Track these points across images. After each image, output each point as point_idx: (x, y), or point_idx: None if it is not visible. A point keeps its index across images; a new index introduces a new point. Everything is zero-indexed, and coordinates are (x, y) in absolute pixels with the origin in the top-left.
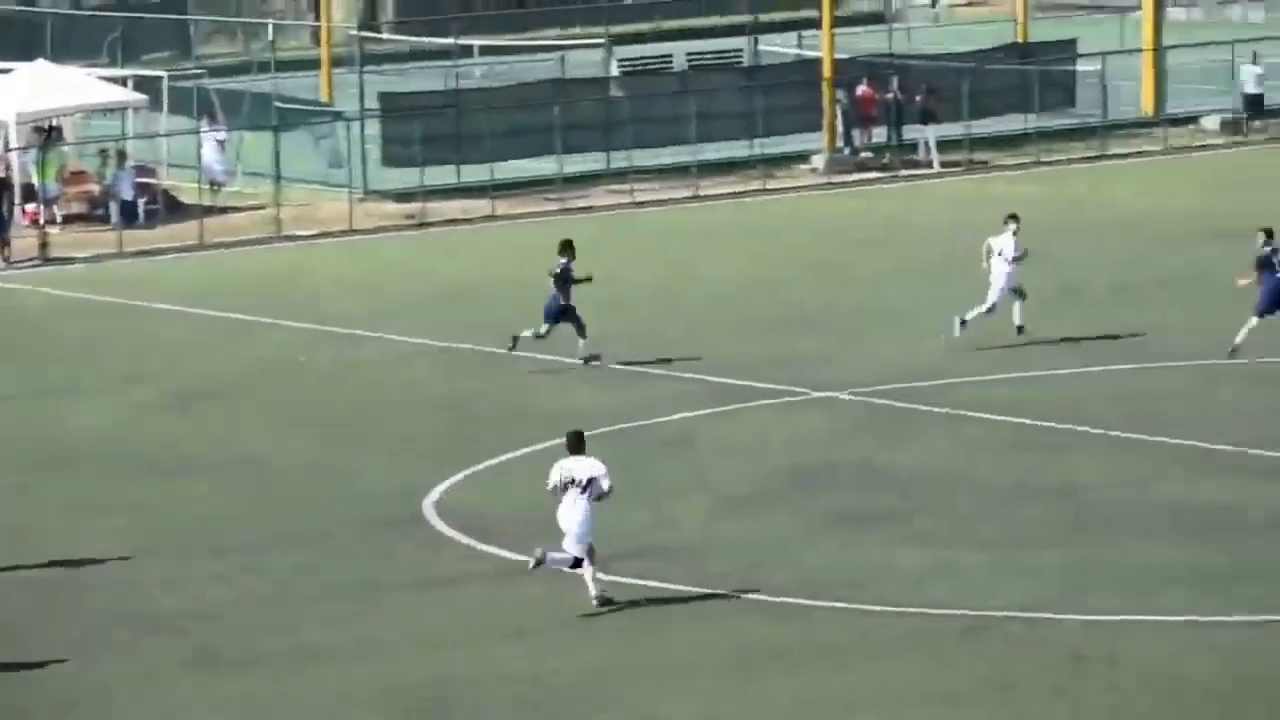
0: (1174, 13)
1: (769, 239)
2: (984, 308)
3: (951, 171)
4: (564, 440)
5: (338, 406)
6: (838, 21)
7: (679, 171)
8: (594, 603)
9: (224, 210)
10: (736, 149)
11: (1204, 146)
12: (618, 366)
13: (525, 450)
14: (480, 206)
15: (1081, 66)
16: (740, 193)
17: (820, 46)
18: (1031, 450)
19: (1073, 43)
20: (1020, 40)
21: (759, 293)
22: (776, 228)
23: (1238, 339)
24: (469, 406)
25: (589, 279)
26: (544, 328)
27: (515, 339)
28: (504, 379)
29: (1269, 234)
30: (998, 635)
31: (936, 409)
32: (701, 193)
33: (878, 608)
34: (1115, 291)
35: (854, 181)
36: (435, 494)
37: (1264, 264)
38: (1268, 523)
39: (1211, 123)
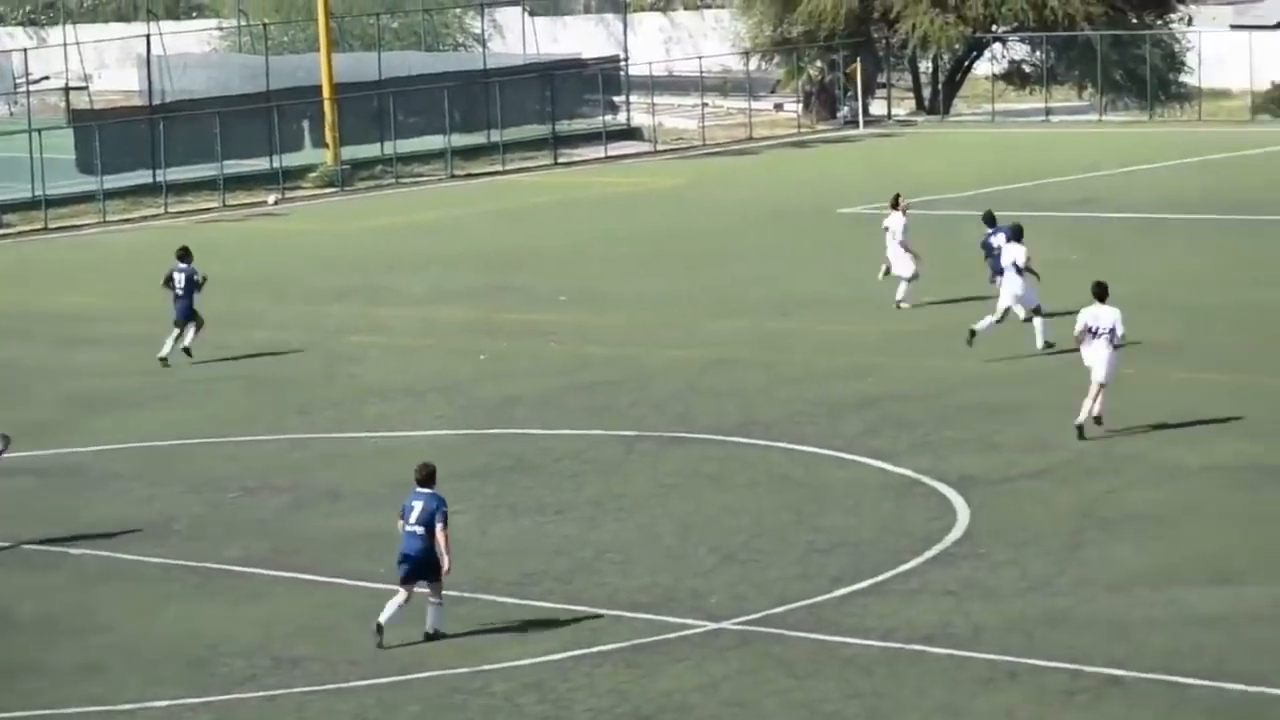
0: None
1: None
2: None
3: None
4: None
5: None
6: None
7: None
8: None
9: None
10: None
11: None
12: None
13: None
14: None
15: None
16: None
17: None
18: None
19: None
20: None
21: None
22: None
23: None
24: None
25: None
26: (176, 331)
27: (187, 351)
28: None
29: (990, 219)
30: None
31: None
32: None
33: None
34: None
35: None
36: None
37: (986, 248)
38: (36, 617)
39: None
